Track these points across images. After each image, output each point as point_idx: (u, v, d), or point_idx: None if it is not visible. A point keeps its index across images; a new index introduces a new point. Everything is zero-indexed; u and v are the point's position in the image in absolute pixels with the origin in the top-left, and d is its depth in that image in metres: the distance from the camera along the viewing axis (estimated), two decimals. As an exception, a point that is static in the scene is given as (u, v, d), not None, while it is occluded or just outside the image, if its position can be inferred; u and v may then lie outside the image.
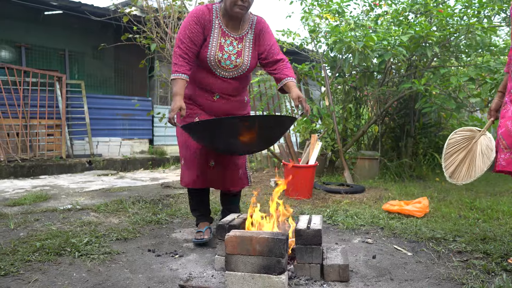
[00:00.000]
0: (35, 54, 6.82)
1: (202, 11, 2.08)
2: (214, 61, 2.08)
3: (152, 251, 2.05)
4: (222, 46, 2.09)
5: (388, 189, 4.11)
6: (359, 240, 2.27)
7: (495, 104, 2.06)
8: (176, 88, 2.01)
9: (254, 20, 2.19)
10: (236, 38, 2.14)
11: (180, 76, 2.02)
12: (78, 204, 3.08)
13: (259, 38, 2.18)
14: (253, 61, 2.17)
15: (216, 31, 2.09)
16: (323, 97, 5.33)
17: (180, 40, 2.05)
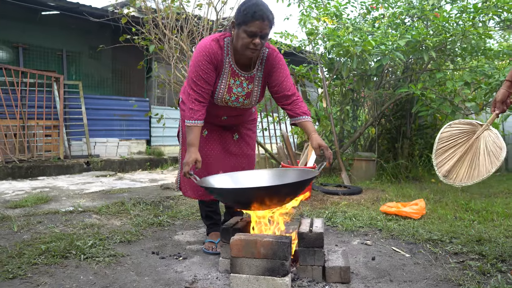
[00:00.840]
0: (33, 55, 6.82)
1: (214, 50, 1.90)
2: (220, 102, 2.02)
3: (156, 254, 2.09)
4: (230, 88, 1.98)
5: (385, 191, 4.18)
6: (358, 242, 2.32)
7: (501, 94, 1.79)
8: (192, 137, 1.88)
9: (265, 54, 1.99)
10: (246, 77, 2.00)
11: (196, 124, 1.89)
12: (79, 206, 3.11)
13: (269, 75, 2.02)
14: (262, 95, 2.11)
15: (227, 70, 1.95)
16: (321, 99, 5.39)
17: (194, 81, 1.90)
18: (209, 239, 2.22)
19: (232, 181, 1.95)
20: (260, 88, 2.07)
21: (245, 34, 1.80)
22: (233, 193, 1.77)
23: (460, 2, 4.29)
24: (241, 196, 1.72)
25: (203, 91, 1.91)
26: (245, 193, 1.70)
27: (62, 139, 6.34)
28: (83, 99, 6.88)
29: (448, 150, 1.93)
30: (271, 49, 2.01)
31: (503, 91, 1.80)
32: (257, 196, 1.64)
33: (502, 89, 1.81)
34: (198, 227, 2.66)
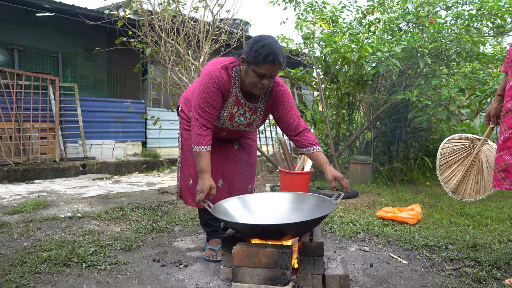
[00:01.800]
0: (28, 57, 6.78)
1: (223, 78, 1.87)
2: (221, 126, 2.02)
3: (157, 261, 2.11)
4: (233, 116, 1.98)
5: (381, 194, 4.23)
6: (356, 248, 2.36)
7: (494, 109, 1.88)
8: (203, 163, 1.87)
9: (269, 88, 1.97)
10: (250, 108, 1.99)
11: (206, 149, 1.88)
12: (78, 211, 3.12)
13: (273, 108, 2.02)
14: (263, 123, 2.11)
15: (232, 99, 1.93)
16: (317, 103, 5.43)
17: (202, 107, 1.87)
18: (209, 246, 2.24)
19: (245, 208, 1.94)
20: (262, 118, 2.08)
21: (254, 73, 1.78)
22: (253, 229, 1.71)
23: (455, 9, 4.36)
24: (261, 232, 1.68)
25: (211, 117, 1.90)
26: (268, 229, 1.66)
27: (57, 142, 6.32)
28: (79, 101, 6.86)
29: (452, 166, 2.00)
30: (276, 81, 1.98)
31: (495, 105, 1.88)
32: (279, 231, 1.63)
33: (494, 104, 1.89)
34: (197, 233, 2.69)
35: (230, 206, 1.92)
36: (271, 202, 2.01)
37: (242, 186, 2.26)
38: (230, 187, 2.24)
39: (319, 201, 1.92)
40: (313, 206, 1.90)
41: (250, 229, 1.71)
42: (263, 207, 1.98)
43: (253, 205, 1.99)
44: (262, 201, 2.02)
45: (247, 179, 2.28)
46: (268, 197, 2.05)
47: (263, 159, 5.71)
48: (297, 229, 1.66)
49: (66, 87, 6.92)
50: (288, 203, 2.00)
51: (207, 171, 1.88)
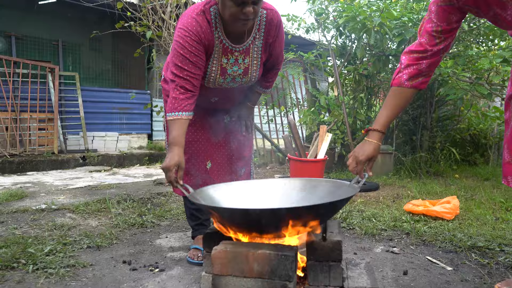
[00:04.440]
0: (27, 44, 6.47)
1: (201, 28, 1.47)
2: (213, 85, 1.60)
3: (128, 263, 1.66)
4: (224, 69, 1.57)
5: (405, 187, 3.70)
6: (383, 249, 1.86)
7: None
8: (174, 133, 1.41)
9: (264, 17, 1.55)
10: (241, 51, 1.57)
11: (181, 116, 1.43)
12: (53, 203, 2.71)
13: (270, 46, 1.63)
14: (262, 69, 1.68)
15: (218, 48, 1.53)
16: (331, 87, 4.92)
17: (177, 66, 1.45)
18: (195, 245, 1.79)
19: (238, 196, 1.46)
20: (260, 60, 1.63)
21: (231, 2, 1.37)
22: (239, 216, 1.19)
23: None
24: (251, 222, 1.16)
25: (191, 76, 1.48)
26: (261, 216, 1.13)
27: (56, 133, 5.99)
28: (80, 91, 6.52)
29: None
30: (269, 9, 1.56)
31: None
32: (277, 219, 1.13)
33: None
34: (187, 229, 2.23)
35: (219, 193, 1.45)
36: (273, 189, 1.53)
37: (236, 169, 1.81)
38: (220, 170, 1.78)
39: (335, 187, 1.44)
40: (327, 193, 1.41)
41: (235, 216, 1.20)
42: (262, 195, 1.50)
43: (249, 192, 1.51)
44: (261, 188, 1.54)
45: (242, 160, 1.82)
46: (269, 184, 1.57)
47: (272, 149, 5.23)
48: (305, 218, 1.15)
49: (67, 76, 6.58)
50: (295, 190, 1.52)
51: (177, 144, 1.42)
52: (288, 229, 1.17)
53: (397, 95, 1.37)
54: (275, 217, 1.12)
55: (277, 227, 1.15)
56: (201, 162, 1.75)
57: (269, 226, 1.16)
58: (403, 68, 1.35)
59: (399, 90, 1.36)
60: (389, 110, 1.37)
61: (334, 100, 4.74)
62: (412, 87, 1.34)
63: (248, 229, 1.20)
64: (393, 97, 1.37)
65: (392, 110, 1.37)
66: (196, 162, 1.74)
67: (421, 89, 1.38)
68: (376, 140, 1.36)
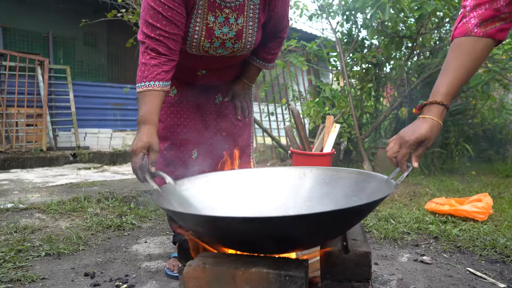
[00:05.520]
0: (15, 36, 6.14)
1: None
2: (196, 51, 1.26)
3: (90, 276, 1.32)
4: (211, 30, 1.23)
5: (420, 184, 3.35)
6: (409, 258, 1.51)
7: None
8: (145, 109, 1.11)
9: None
10: (233, 8, 1.24)
11: (152, 87, 1.12)
12: (21, 202, 2.36)
13: (270, 5, 1.30)
14: (259, 36, 1.33)
15: (201, 2, 1.21)
16: (337, 77, 4.57)
17: (149, 24, 1.13)
18: (175, 253, 1.45)
19: (229, 192, 1.11)
20: (257, 22, 1.28)
21: None
22: (223, 229, 0.78)
23: None
24: (245, 238, 0.79)
25: (167, 36, 1.15)
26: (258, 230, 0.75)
27: (45, 129, 5.66)
28: (71, 85, 6.19)
29: None
30: None
31: None
32: (282, 232, 0.75)
33: None
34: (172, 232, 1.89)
35: (199, 187, 1.09)
36: (278, 183, 1.16)
37: (226, 164, 1.46)
38: (209, 161, 1.44)
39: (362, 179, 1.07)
40: (353, 190, 1.05)
41: (218, 230, 0.80)
42: (263, 192, 1.14)
43: (244, 187, 1.15)
44: (262, 181, 1.17)
45: (236, 150, 1.48)
46: (273, 174, 1.19)
47: (273, 144, 4.88)
48: (321, 229, 0.79)
49: (57, 70, 6.25)
50: (308, 184, 1.14)
51: (148, 122, 1.08)
52: (295, 247, 0.83)
53: (462, 50, 0.94)
54: (274, 230, 0.74)
55: (278, 245, 0.80)
56: (186, 151, 1.41)
57: (265, 243, 0.80)
58: (469, 11, 0.94)
59: (465, 42, 0.94)
60: (451, 75, 0.94)
61: (339, 92, 4.39)
62: (486, 35, 0.92)
63: (232, 246, 0.85)
64: (456, 53, 0.95)
65: (455, 73, 0.94)
66: (179, 151, 1.40)
67: (500, 40, 0.94)
68: (433, 116, 0.93)
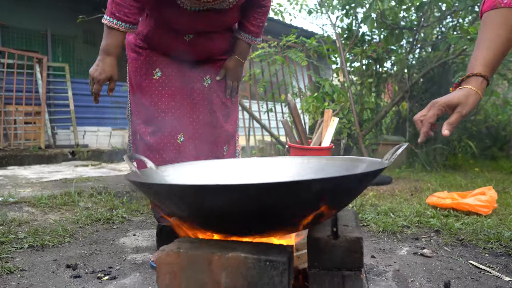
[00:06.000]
0: (13, 33, 6.10)
1: None
2: (181, 4, 1.21)
3: (72, 268, 1.26)
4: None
5: (422, 180, 3.28)
6: (409, 251, 1.44)
7: None
8: (109, 41, 1.23)
9: None
10: None
11: (117, 26, 1.22)
12: (12, 196, 2.31)
13: None
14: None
15: None
16: (337, 72, 4.49)
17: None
18: None
19: (216, 177, 1.05)
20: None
21: None
22: (203, 196, 0.69)
23: None
24: (223, 208, 0.69)
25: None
26: (238, 198, 0.67)
27: (43, 127, 5.62)
28: (70, 83, 6.15)
29: None
30: None
31: None
32: (265, 203, 0.68)
33: None
34: (163, 226, 1.82)
35: (183, 174, 1.03)
36: (272, 173, 1.09)
37: (217, 148, 1.40)
38: (196, 147, 1.38)
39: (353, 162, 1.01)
40: (344, 169, 0.98)
41: (196, 199, 0.70)
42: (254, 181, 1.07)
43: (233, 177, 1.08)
44: (253, 171, 1.10)
45: (224, 136, 1.42)
46: (267, 163, 1.13)
47: (272, 141, 4.81)
48: (305, 202, 0.70)
49: (56, 68, 6.21)
50: (303, 172, 1.08)
51: (111, 54, 1.25)
52: (279, 227, 0.76)
53: (493, 23, 0.89)
54: (255, 200, 0.68)
55: (260, 223, 0.73)
56: (171, 136, 1.35)
57: (245, 219, 0.72)
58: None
59: (494, 14, 0.89)
60: (485, 47, 0.88)
61: (339, 87, 4.32)
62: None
63: (207, 224, 0.78)
64: (487, 27, 0.90)
65: (489, 44, 0.88)
66: (163, 135, 1.35)
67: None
68: (472, 86, 0.87)
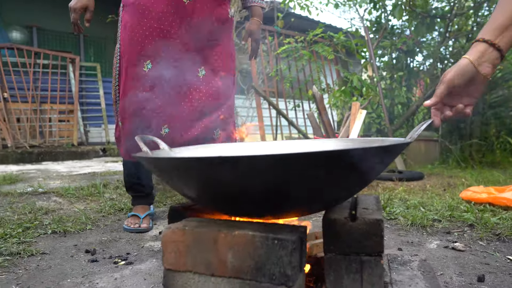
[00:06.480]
0: (48, 35, 6.38)
1: None
2: None
3: (91, 253, 1.26)
4: None
5: (456, 176, 3.10)
6: (439, 245, 1.34)
7: None
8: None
9: None
10: None
11: None
12: (41, 186, 2.39)
13: None
14: None
15: None
16: (365, 66, 4.36)
17: None
18: (133, 213, 1.58)
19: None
20: None
21: None
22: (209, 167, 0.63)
23: None
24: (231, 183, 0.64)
25: None
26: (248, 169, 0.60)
27: (76, 124, 5.83)
28: (101, 82, 6.35)
29: None
30: None
31: None
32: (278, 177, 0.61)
33: None
34: (184, 216, 1.81)
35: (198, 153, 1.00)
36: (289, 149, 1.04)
37: (206, 132, 1.42)
38: (181, 136, 1.40)
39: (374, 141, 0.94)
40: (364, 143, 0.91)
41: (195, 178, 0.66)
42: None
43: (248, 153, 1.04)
44: (271, 149, 1.05)
45: (216, 115, 1.44)
46: (286, 144, 1.08)
47: (299, 136, 4.73)
48: (319, 177, 0.63)
49: (88, 67, 6.43)
50: (317, 147, 1.02)
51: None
52: (294, 205, 0.71)
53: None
54: (269, 172, 0.62)
55: (266, 201, 0.67)
56: (154, 129, 1.36)
57: (258, 196, 0.67)
58: None
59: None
60: (497, 11, 0.75)
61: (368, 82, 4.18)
62: None
63: (216, 202, 0.73)
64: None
65: (503, 8, 0.74)
66: (146, 130, 1.36)
67: None
68: (468, 56, 0.75)
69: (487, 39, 0.75)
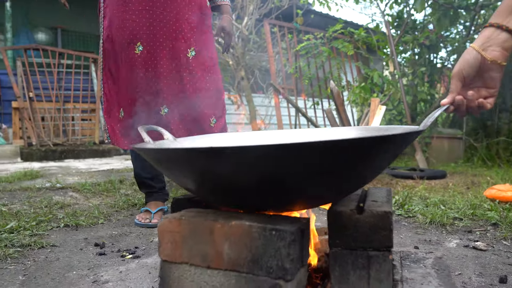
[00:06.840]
0: (72, 36, 6.56)
1: None
2: None
3: (100, 246, 1.26)
4: None
5: (480, 175, 2.96)
6: (459, 244, 1.27)
7: None
8: None
9: None
10: None
11: None
12: (59, 182, 2.43)
13: None
14: None
15: None
16: (387, 62, 4.24)
17: None
18: (146, 208, 1.60)
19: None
20: None
21: None
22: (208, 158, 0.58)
23: None
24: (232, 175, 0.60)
25: None
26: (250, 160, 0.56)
27: (97, 123, 5.96)
28: (122, 81, 6.47)
29: None
30: None
31: None
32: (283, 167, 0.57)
33: None
34: (196, 212, 1.80)
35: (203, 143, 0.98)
36: (298, 138, 1.00)
37: (203, 119, 1.42)
38: (181, 117, 1.40)
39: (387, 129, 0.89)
40: (376, 131, 0.87)
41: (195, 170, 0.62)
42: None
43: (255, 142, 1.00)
44: (280, 138, 1.01)
45: (212, 105, 1.43)
46: (298, 133, 1.04)
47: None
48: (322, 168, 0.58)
49: (110, 67, 6.56)
50: (328, 137, 0.97)
51: None
52: (297, 197, 0.67)
53: None
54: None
55: (267, 193, 0.63)
56: (155, 107, 1.36)
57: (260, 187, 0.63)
58: None
59: None
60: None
61: (389, 78, 4.06)
62: None
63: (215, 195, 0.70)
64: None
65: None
66: (149, 107, 1.35)
67: None
68: (473, 44, 0.71)
69: (494, 22, 0.70)
